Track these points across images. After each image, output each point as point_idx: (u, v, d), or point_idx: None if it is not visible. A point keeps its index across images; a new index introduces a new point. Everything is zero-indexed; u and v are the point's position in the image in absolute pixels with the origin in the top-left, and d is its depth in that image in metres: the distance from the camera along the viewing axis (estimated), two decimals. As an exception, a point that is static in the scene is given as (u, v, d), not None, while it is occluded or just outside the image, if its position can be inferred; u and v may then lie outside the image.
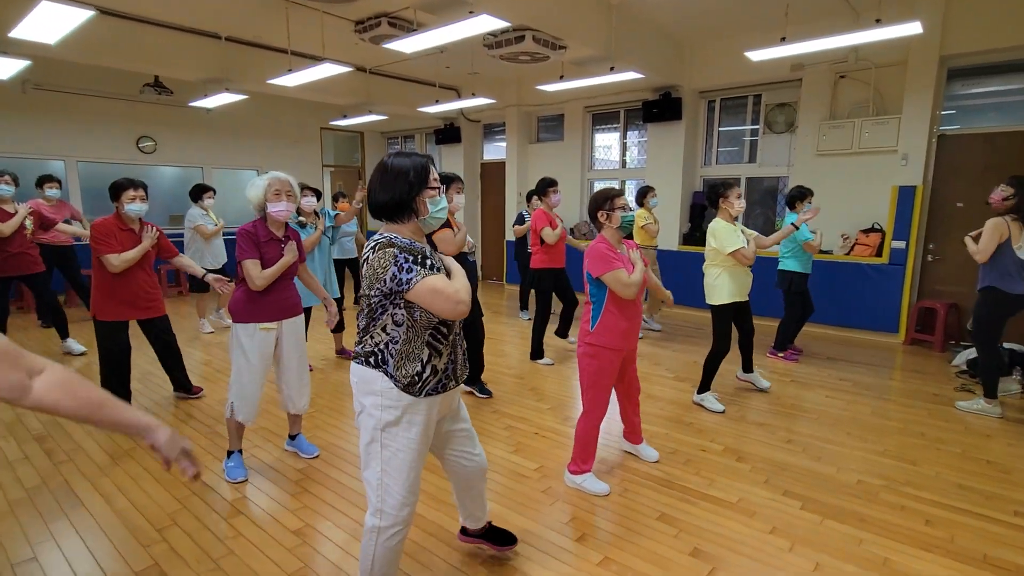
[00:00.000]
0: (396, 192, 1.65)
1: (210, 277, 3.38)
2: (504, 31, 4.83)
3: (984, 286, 3.69)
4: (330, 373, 4.65)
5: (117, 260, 3.36)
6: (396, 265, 1.57)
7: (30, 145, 7.65)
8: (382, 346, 1.65)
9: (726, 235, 3.65)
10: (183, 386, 3.97)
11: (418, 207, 1.68)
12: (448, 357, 1.74)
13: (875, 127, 5.81)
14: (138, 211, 3.44)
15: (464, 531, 2.27)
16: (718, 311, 3.81)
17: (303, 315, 2.98)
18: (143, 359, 4.56)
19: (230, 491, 2.74)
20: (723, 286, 3.73)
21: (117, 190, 3.43)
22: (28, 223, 4.86)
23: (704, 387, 3.93)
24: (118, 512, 2.55)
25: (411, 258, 1.59)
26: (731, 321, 3.83)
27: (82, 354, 5.10)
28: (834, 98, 6.17)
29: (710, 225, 3.77)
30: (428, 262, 1.62)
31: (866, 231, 5.98)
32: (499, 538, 2.23)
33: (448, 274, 1.71)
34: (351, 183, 11.78)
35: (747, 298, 3.89)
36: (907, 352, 5.39)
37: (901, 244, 5.58)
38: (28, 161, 7.53)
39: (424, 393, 1.68)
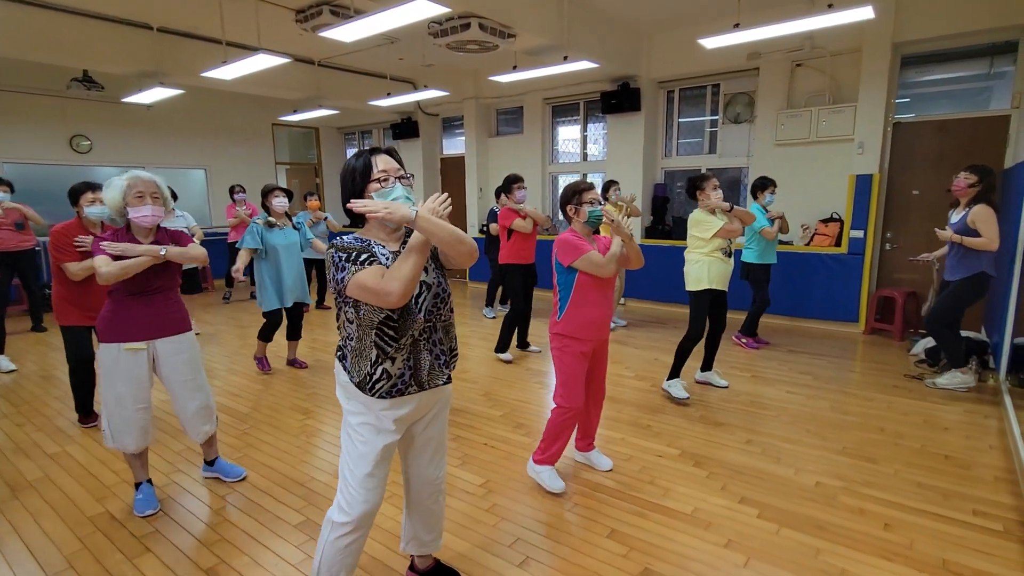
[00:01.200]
0: (344, 193, 1.65)
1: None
2: (449, 18, 4.59)
3: (975, 272, 3.74)
4: (272, 384, 4.37)
5: (77, 268, 3.14)
6: (334, 265, 1.55)
7: (-51, 146, 7.10)
8: (343, 342, 1.67)
9: (702, 221, 3.74)
10: None
11: None
12: (404, 363, 1.63)
13: (832, 116, 5.76)
14: (99, 214, 3.14)
15: (412, 567, 2.08)
16: (695, 296, 3.82)
17: (190, 334, 2.62)
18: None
19: (140, 525, 2.47)
20: (701, 272, 3.76)
21: (75, 194, 3.24)
22: None
23: (674, 373, 3.90)
24: (9, 556, 2.26)
25: (344, 256, 1.53)
26: (707, 308, 3.82)
27: (11, 372, 4.71)
28: (791, 87, 6.11)
29: (690, 216, 3.85)
30: (362, 257, 1.52)
31: (825, 221, 5.95)
32: None
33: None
34: (307, 180, 11.38)
35: (725, 289, 3.84)
36: (867, 342, 5.37)
37: (859, 233, 5.55)
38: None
39: (375, 394, 1.62)
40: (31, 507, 2.63)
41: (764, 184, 4.83)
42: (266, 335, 4.55)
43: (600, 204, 2.65)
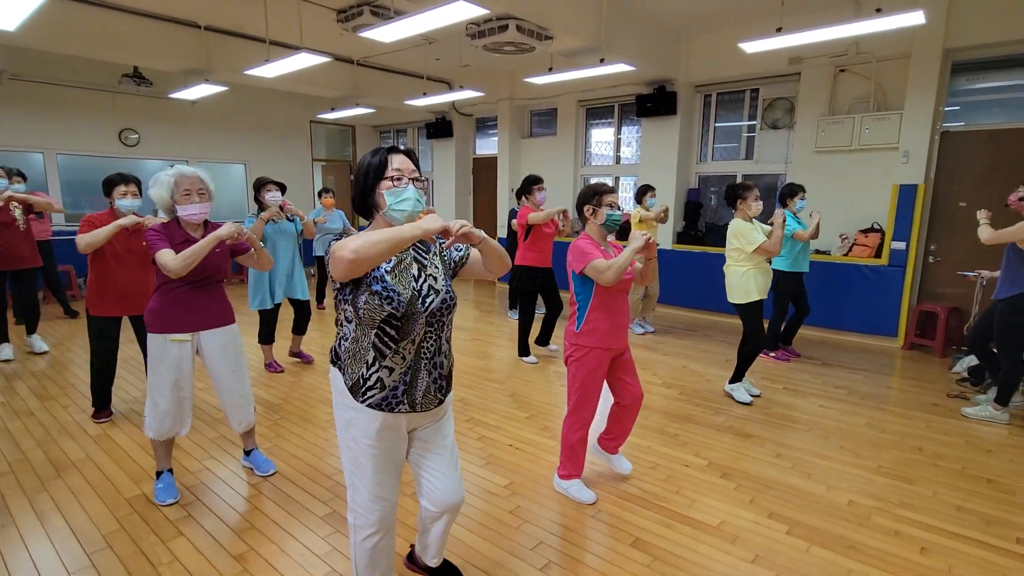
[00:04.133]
0: (356, 188, 1.63)
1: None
2: (487, 20, 4.62)
3: (1016, 293, 3.52)
4: (303, 376, 4.46)
5: (82, 241, 3.12)
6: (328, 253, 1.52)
7: (7, 137, 7.44)
8: (339, 342, 1.63)
9: (748, 233, 3.68)
10: None
11: (377, 200, 1.59)
12: (401, 377, 1.58)
13: (876, 123, 5.59)
14: (129, 206, 3.28)
15: (411, 557, 2.10)
16: (748, 308, 3.78)
17: (234, 326, 2.69)
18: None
19: (174, 509, 2.55)
20: (751, 284, 3.73)
21: (109, 185, 3.30)
22: (19, 214, 4.68)
23: (737, 377, 3.94)
24: (51, 532, 2.36)
25: (337, 240, 1.50)
26: (761, 315, 3.79)
27: (44, 353, 4.92)
28: (833, 93, 5.95)
29: (730, 225, 3.80)
30: (344, 236, 1.51)
31: (865, 231, 5.78)
32: None
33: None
34: (342, 177, 11.58)
35: (765, 296, 3.81)
36: (906, 357, 5.19)
37: (901, 245, 5.37)
38: (6, 153, 7.33)
39: (365, 403, 1.57)
40: (73, 486, 2.74)
41: (793, 190, 4.73)
42: (266, 337, 4.51)
43: (619, 209, 2.59)
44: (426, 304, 1.58)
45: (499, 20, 4.56)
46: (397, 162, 1.59)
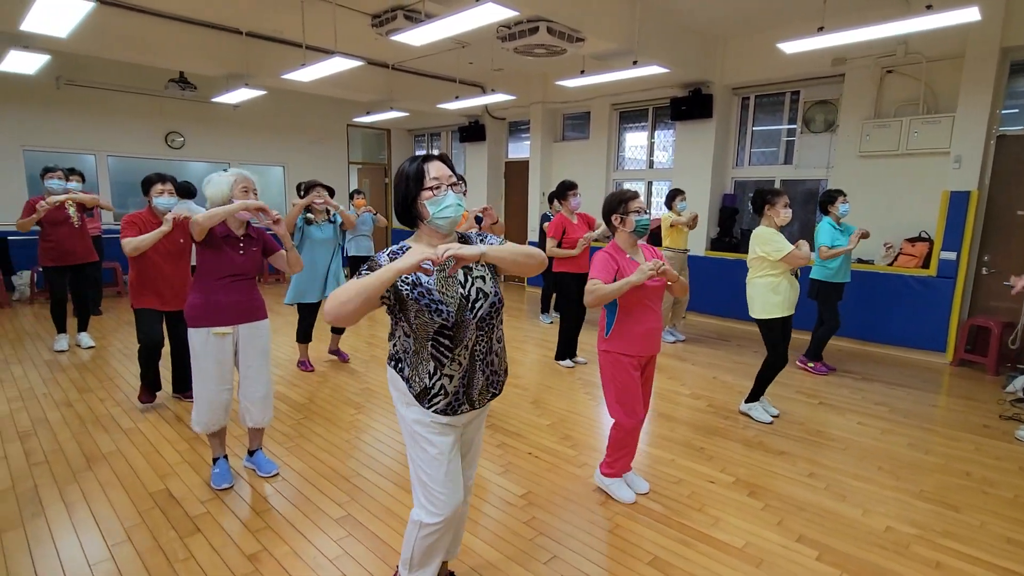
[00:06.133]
0: (397, 198, 1.65)
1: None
2: (518, 22, 4.59)
3: None
4: (329, 376, 4.50)
5: (129, 245, 3.26)
6: None
7: (63, 139, 7.82)
8: (400, 353, 1.66)
9: (773, 239, 3.47)
10: (184, 388, 3.86)
11: (420, 210, 1.62)
12: (460, 380, 1.63)
13: (925, 126, 5.31)
14: (167, 204, 3.44)
15: None
16: (766, 325, 3.59)
17: (266, 321, 2.78)
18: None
19: (194, 505, 2.59)
20: (775, 298, 3.52)
21: (147, 184, 3.49)
22: (72, 211, 4.91)
23: (754, 396, 3.75)
24: (77, 523, 2.43)
25: (365, 270, 1.52)
26: (781, 334, 3.59)
27: (90, 348, 5.12)
28: (880, 95, 5.69)
29: (754, 232, 3.59)
30: (364, 268, 1.53)
31: (912, 240, 5.49)
32: None
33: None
34: (378, 181, 11.74)
35: (792, 312, 3.61)
36: (954, 374, 4.90)
37: (951, 255, 5.08)
38: (61, 155, 7.69)
39: (432, 409, 1.62)
40: (101, 478, 2.82)
41: (832, 197, 4.53)
42: (304, 335, 4.60)
43: (647, 213, 2.54)
44: (475, 310, 1.60)
45: (530, 22, 4.53)
46: (434, 170, 1.60)
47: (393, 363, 1.68)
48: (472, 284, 1.62)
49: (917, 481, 2.94)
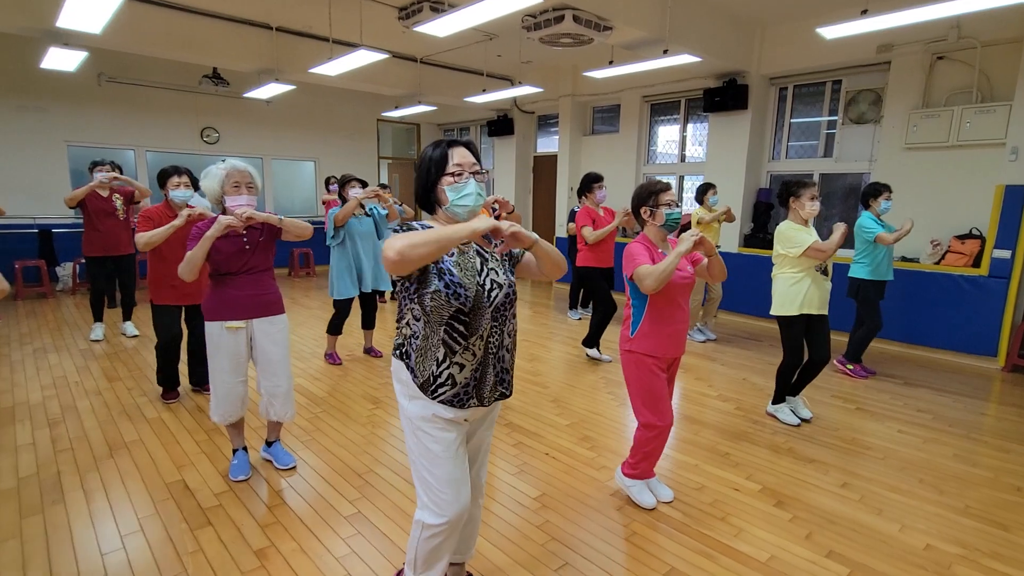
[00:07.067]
0: (418, 182, 1.61)
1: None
2: (543, 11, 4.47)
3: None
4: (350, 371, 4.50)
5: (141, 240, 3.27)
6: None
7: (105, 135, 8.07)
8: (404, 340, 1.61)
9: (794, 235, 3.31)
10: (202, 382, 3.91)
11: (439, 196, 1.58)
12: (472, 371, 1.57)
13: (979, 116, 4.98)
14: (183, 197, 3.48)
15: None
16: (786, 323, 3.42)
17: (283, 316, 2.75)
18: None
19: (207, 497, 2.59)
20: (796, 294, 3.35)
21: (163, 177, 3.51)
22: (119, 204, 5.07)
23: (779, 398, 3.60)
24: (94, 511, 2.46)
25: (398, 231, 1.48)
26: (802, 335, 3.42)
27: (133, 336, 5.27)
28: (929, 83, 5.36)
29: (777, 228, 3.43)
30: (404, 228, 1.50)
31: (961, 237, 5.17)
32: None
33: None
34: (407, 175, 11.79)
35: (824, 312, 3.42)
36: (1006, 381, 4.59)
37: (1005, 254, 4.75)
38: (102, 150, 7.93)
39: (437, 399, 1.56)
40: (122, 467, 2.86)
41: (877, 190, 4.28)
42: (336, 328, 4.60)
43: (678, 206, 2.41)
44: (491, 298, 1.56)
45: (555, 10, 4.41)
46: (458, 156, 1.57)
47: (398, 352, 1.63)
48: (487, 275, 1.57)
49: (962, 496, 2.74)
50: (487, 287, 1.55)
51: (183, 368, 4.02)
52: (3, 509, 2.46)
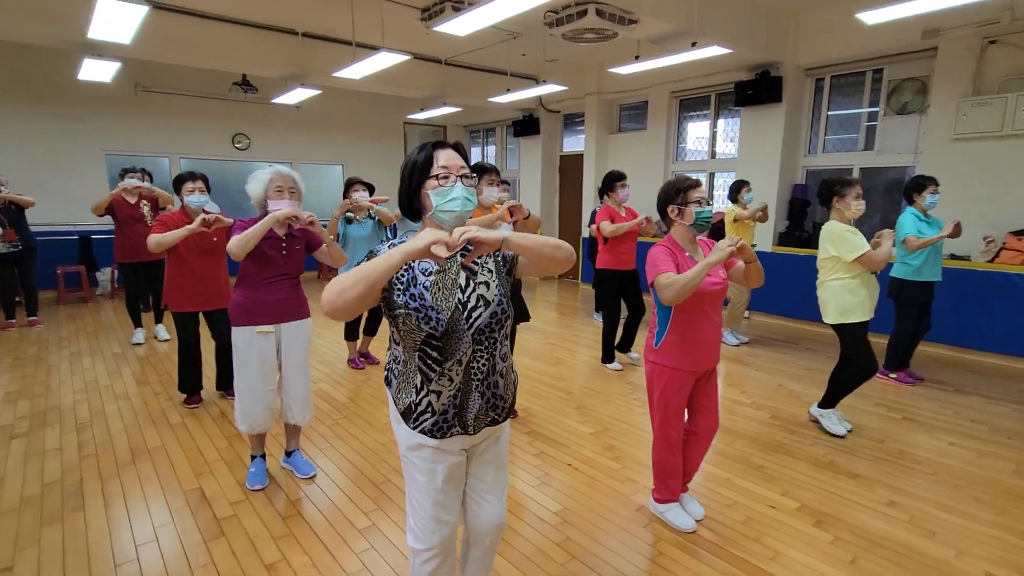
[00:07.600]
0: (401, 187, 1.49)
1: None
2: (565, 6, 4.35)
3: None
4: (373, 376, 4.46)
5: (152, 241, 3.28)
6: None
7: (141, 143, 8.27)
8: (390, 365, 1.53)
9: (847, 238, 3.09)
10: (227, 384, 3.92)
11: (423, 201, 1.45)
12: (450, 399, 1.44)
13: (1036, 103, 4.64)
14: (198, 202, 3.48)
15: None
16: (848, 330, 3.21)
17: (309, 320, 2.75)
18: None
19: (223, 507, 2.56)
20: (852, 300, 3.15)
21: (179, 183, 3.51)
22: (147, 211, 5.17)
23: (829, 402, 3.37)
24: (111, 520, 2.45)
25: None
26: (866, 335, 3.22)
27: (165, 340, 5.36)
28: (980, 69, 5.03)
29: (824, 228, 3.22)
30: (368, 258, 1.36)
31: (1017, 234, 4.83)
32: None
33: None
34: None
35: (872, 316, 3.23)
36: (1071, 388, 4.25)
37: (1067, 250, 4.41)
38: (138, 158, 8.14)
39: (417, 429, 1.46)
40: (142, 474, 2.86)
41: (921, 184, 3.98)
42: (352, 334, 4.64)
43: (709, 203, 2.25)
44: (471, 320, 1.41)
45: (578, 5, 4.28)
46: (443, 158, 1.44)
47: (386, 377, 1.54)
48: (474, 290, 1.43)
49: (1024, 517, 2.51)
50: (469, 305, 1.41)
51: (209, 371, 4.04)
52: (26, 516, 2.48)
